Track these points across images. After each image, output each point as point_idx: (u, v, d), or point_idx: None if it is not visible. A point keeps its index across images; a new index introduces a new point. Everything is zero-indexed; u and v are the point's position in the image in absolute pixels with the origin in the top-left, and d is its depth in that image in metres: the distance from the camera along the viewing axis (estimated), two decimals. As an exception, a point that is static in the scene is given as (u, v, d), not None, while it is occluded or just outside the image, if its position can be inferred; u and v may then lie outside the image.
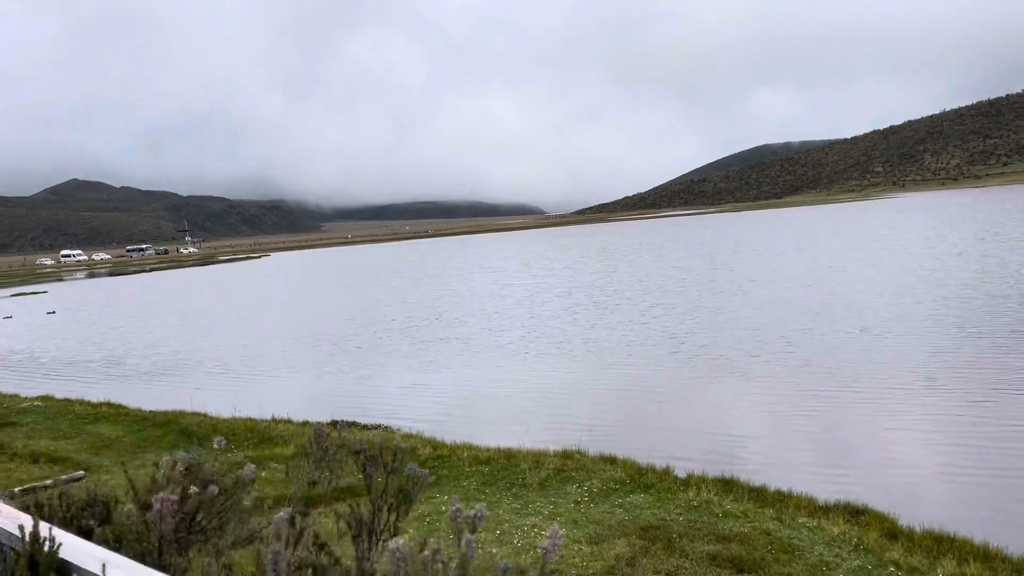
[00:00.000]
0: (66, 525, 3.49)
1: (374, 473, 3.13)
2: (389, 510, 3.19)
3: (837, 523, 7.95)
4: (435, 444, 11.99)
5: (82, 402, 17.43)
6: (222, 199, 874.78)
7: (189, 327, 36.16)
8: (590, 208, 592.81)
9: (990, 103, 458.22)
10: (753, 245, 64.45)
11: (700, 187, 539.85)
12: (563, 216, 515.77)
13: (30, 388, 21.26)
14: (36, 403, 17.16)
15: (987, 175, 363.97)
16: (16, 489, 10.72)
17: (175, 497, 2.43)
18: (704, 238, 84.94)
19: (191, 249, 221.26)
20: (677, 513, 8.56)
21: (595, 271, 49.94)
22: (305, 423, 14.21)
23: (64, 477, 11.26)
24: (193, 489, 3.07)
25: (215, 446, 8.55)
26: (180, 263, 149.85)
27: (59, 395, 18.81)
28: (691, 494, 9.08)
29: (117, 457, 12.57)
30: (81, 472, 11.47)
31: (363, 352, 23.99)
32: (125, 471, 5.99)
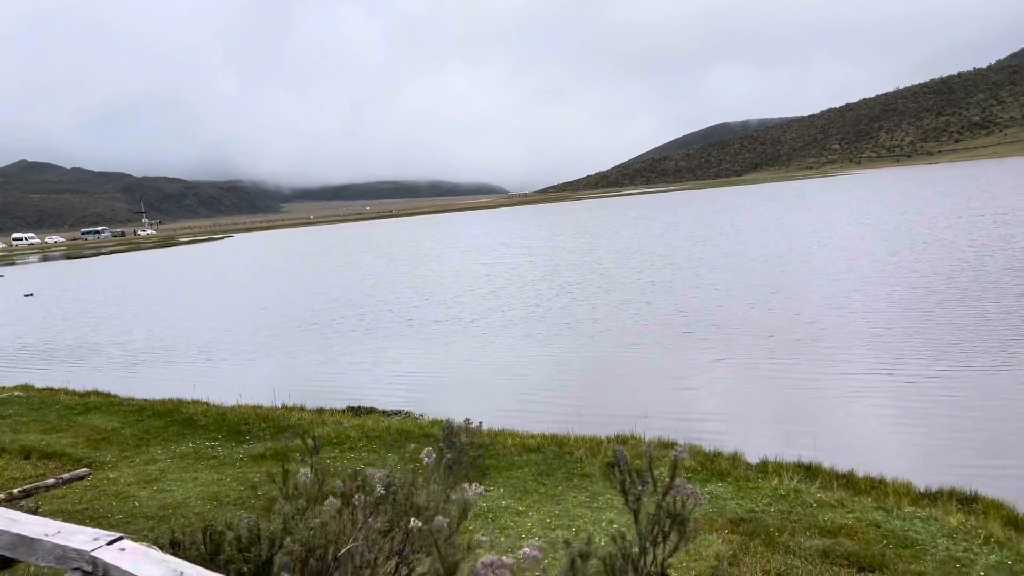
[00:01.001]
0: (215, 568, 2.59)
1: (643, 494, 2.33)
2: (654, 543, 2.38)
3: (951, 512, 7.29)
4: (471, 431, 11.13)
5: (67, 391, 16.25)
6: (178, 180, 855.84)
7: (160, 310, 34.72)
8: (553, 187, 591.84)
9: (942, 81, 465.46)
10: (731, 221, 64.27)
11: (661, 165, 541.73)
12: (527, 195, 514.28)
13: (3, 377, 19.93)
14: (16, 393, 15.93)
15: (940, 152, 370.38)
16: (15, 490, 9.68)
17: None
18: (678, 215, 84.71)
19: (149, 231, 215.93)
20: (766, 504, 7.85)
21: (577, 248, 49.23)
22: (320, 410, 13.27)
23: (66, 475, 10.24)
24: (415, 523, 2.22)
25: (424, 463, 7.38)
26: (139, 245, 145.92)
27: (39, 384, 17.57)
28: (774, 482, 8.37)
29: (119, 451, 11.55)
30: (85, 470, 10.45)
31: (358, 335, 22.97)
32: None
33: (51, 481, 10.02)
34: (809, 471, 8.75)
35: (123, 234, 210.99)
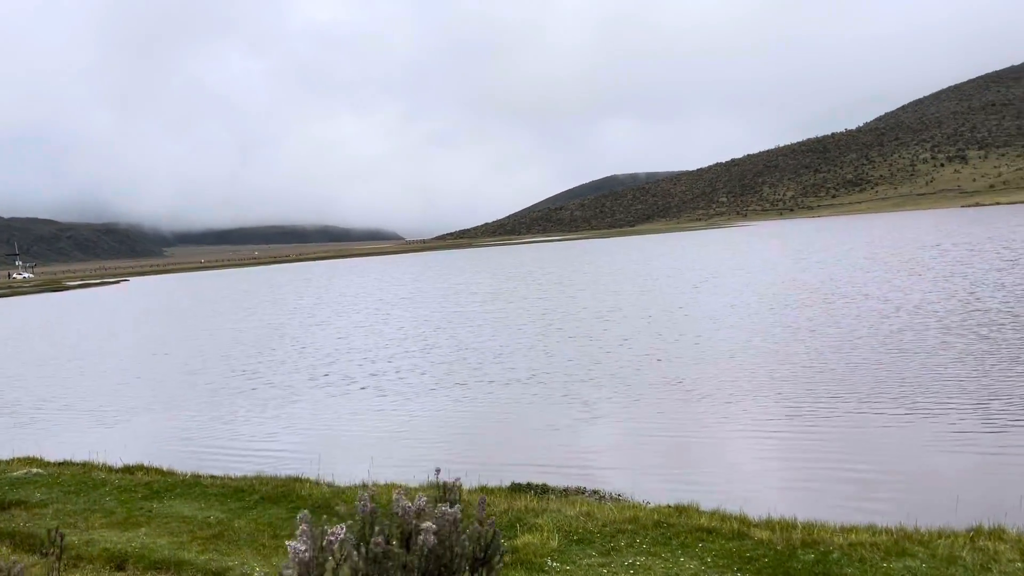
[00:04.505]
0: None
1: None
2: None
3: None
4: (747, 521, 8.60)
5: (98, 465, 12.70)
6: (50, 221, 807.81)
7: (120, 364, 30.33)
8: (451, 233, 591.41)
9: (818, 140, 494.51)
10: (668, 270, 63.82)
11: (557, 215, 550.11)
12: (424, 241, 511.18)
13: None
14: (34, 470, 12.25)
15: (819, 206, 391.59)
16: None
17: None
18: (606, 263, 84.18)
19: (26, 275, 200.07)
20: None
21: (542, 297, 47.12)
22: (484, 488, 10.38)
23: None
24: None
25: None
26: (17, 290, 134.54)
27: (49, 455, 13.79)
28: None
29: (259, 556, 8.34)
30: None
31: (425, 394, 19.91)
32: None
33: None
34: None
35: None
